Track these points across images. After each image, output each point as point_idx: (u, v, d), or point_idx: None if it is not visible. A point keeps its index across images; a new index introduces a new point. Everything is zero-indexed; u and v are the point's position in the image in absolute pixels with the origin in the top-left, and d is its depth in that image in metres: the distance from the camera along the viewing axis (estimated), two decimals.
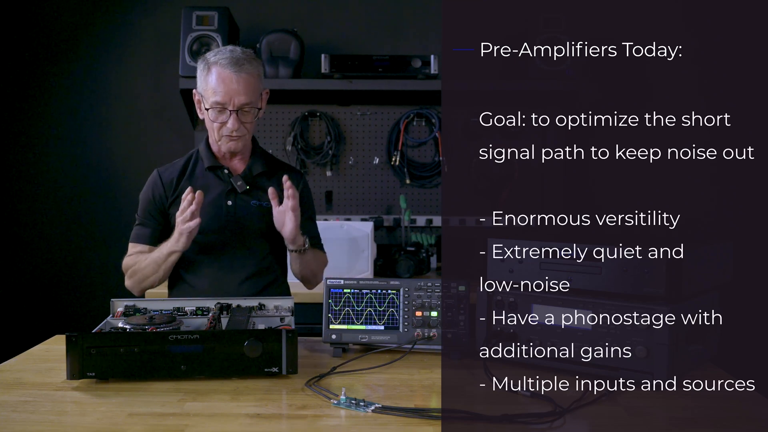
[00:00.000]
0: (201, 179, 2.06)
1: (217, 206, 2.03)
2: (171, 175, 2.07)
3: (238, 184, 2.03)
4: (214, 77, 1.92)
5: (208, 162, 2.06)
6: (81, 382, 1.45)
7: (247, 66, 1.93)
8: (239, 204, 2.04)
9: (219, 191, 2.04)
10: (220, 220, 2.02)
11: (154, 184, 2.07)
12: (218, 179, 2.05)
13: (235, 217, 2.03)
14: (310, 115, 3.39)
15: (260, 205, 2.05)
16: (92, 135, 3.43)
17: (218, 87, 1.92)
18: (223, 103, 1.93)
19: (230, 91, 1.92)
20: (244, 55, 1.95)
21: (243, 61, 1.93)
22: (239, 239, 2.03)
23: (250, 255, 2.05)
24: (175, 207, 2.02)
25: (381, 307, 1.68)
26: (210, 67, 1.94)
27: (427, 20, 3.44)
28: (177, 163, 2.11)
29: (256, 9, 3.43)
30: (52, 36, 3.40)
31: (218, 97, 1.92)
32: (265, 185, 2.05)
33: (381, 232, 3.40)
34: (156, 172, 2.09)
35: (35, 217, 3.43)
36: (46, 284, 3.42)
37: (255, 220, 2.04)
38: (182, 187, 2.03)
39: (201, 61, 1.98)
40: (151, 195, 2.06)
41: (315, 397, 1.38)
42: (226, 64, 1.92)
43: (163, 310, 1.71)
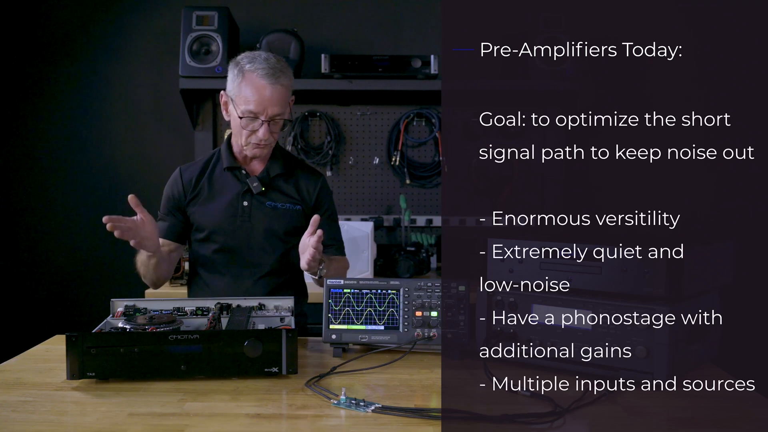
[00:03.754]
0: (219, 179, 2.08)
1: (233, 207, 2.04)
2: (192, 173, 2.09)
3: (254, 185, 2.04)
4: (249, 86, 1.92)
5: (227, 162, 2.07)
6: (81, 382, 1.45)
7: (283, 78, 1.93)
8: (255, 205, 2.05)
9: (236, 192, 2.06)
10: (235, 221, 2.04)
11: (175, 182, 2.10)
12: (236, 179, 2.07)
13: (251, 217, 2.04)
14: (310, 115, 3.40)
15: (276, 207, 2.06)
16: (92, 135, 3.43)
17: (253, 97, 1.91)
18: (256, 113, 1.93)
19: (264, 101, 1.91)
20: (279, 65, 1.95)
21: (279, 72, 1.92)
22: (255, 239, 2.05)
23: (266, 255, 2.06)
24: (193, 205, 2.06)
25: (381, 307, 1.68)
26: (245, 74, 1.93)
27: (427, 20, 3.44)
28: (199, 162, 2.13)
29: (256, 9, 3.43)
30: (53, 36, 3.40)
31: (251, 106, 1.92)
32: (282, 187, 2.08)
33: (381, 232, 3.40)
34: (178, 169, 2.12)
35: (35, 217, 3.43)
36: (46, 284, 3.43)
37: (270, 221, 2.05)
38: (201, 186, 2.07)
39: (234, 66, 1.97)
40: (171, 192, 2.09)
41: (315, 397, 1.38)
42: (263, 74, 1.91)
43: (163, 310, 1.71)
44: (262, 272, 2.06)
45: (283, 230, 2.06)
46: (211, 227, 2.05)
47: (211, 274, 2.09)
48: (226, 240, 2.05)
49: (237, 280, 2.06)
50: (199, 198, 2.07)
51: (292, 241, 2.07)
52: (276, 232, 2.06)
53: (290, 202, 2.08)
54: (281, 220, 2.05)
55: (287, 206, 2.07)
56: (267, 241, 2.06)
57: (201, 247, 2.09)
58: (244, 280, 2.06)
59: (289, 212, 2.07)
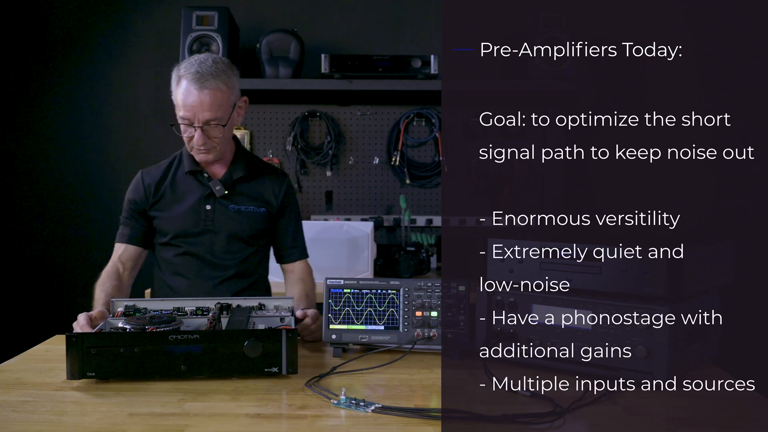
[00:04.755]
0: (182, 183, 2.06)
1: (196, 211, 2.03)
2: (153, 177, 2.08)
3: (216, 189, 2.03)
4: (181, 92, 1.90)
5: (188, 166, 2.06)
6: (81, 382, 1.45)
7: (212, 81, 1.87)
8: (218, 209, 2.04)
9: (198, 196, 2.04)
10: (198, 225, 2.03)
11: (137, 186, 2.08)
12: (198, 183, 2.05)
13: (214, 221, 2.03)
14: (310, 115, 3.39)
15: (240, 210, 2.05)
16: (92, 135, 3.43)
17: (183, 102, 1.90)
18: (188, 119, 1.91)
19: (194, 107, 1.88)
20: (212, 68, 1.89)
21: (208, 76, 1.87)
22: (218, 243, 2.04)
23: (229, 258, 2.05)
24: (155, 209, 2.05)
25: (381, 307, 1.68)
26: (179, 80, 1.91)
27: (427, 20, 3.44)
28: (161, 165, 2.11)
29: (256, 9, 3.43)
30: (53, 36, 3.40)
31: (182, 111, 1.91)
32: (246, 189, 2.07)
33: (381, 232, 3.40)
34: (140, 173, 2.10)
35: (35, 217, 3.43)
36: (46, 284, 3.42)
37: (234, 225, 2.04)
38: (162, 191, 2.05)
39: (174, 71, 1.95)
40: (133, 197, 2.07)
41: (315, 397, 1.38)
42: (190, 79, 1.87)
43: (163, 310, 1.71)
44: (226, 276, 2.05)
45: (247, 234, 2.05)
46: (174, 231, 2.03)
47: (173, 276, 2.07)
48: (189, 244, 2.03)
49: (199, 284, 2.04)
50: (162, 202, 2.05)
51: (256, 244, 2.07)
52: (240, 235, 2.04)
53: (254, 204, 2.06)
54: (245, 223, 2.04)
55: (251, 209, 2.05)
56: (231, 245, 2.04)
57: (163, 250, 2.08)
58: (207, 282, 2.04)
59: (253, 215, 2.06)
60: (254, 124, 3.41)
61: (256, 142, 3.41)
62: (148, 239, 2.09)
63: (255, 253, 2.10)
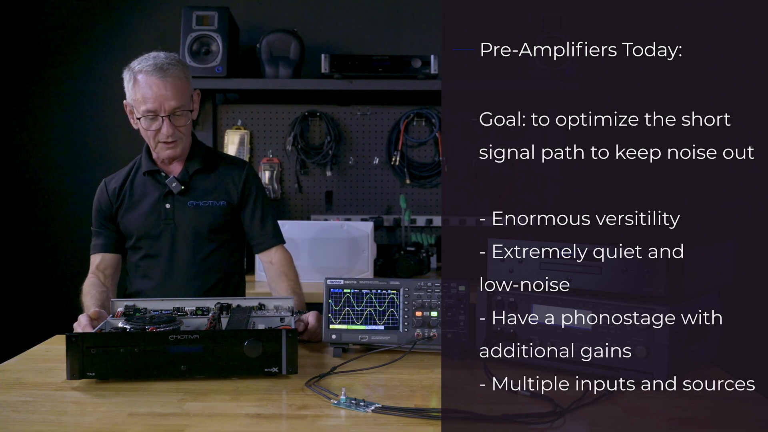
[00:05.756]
0: (140, 185, 2.08)
1: (156, 211, 2.04)
2: (115, 183, 2.10)
3: (173, 185, 2.03)
4: (141, 85, 1.92)
5: (145, 167, 2.07)
6: (81, 382, 1.45)
7: (173, 70, 1.93)
8: (177, 206, 2.04)
9: (157, 195, 2.05)
10: (159, 225, 2.04)
11: (101, 194, 2.11)
12: (156, 183, 2.07)
13: (174, 219, 2.04)
14: (310, 115, 3.39)
15: (198, 205, 2.04)
16: (92, 135, 3.43)
17: (146, 94, 1.91)
18: (154, 110, 1.92)
19: (159, 96, 1.91)
20: (168, 59, 1.95)
21: (167, 66, 1.92)
22: (180, 241, 2.04)
23: (193, 256, 2.05)
24: (119, 214, 2.07)
25: (381, 307, 1.68)
26: (136, 75, 1.93)
27: (427, 20, 3.44)
28: (122, 171, 2.14)
29: (256, 9, 3.43)
30: (53, 36, 3.40)
31: (148, 104, 1.92)
32: (204, 184, 2.07)
33: (381, 232, 3.40)
34: (103, 181, 2.13)
35: (35, 217, 3.43)
36: (46, 284, 3.42)
37: (194, 221, 2.04)
38: (123, 194, 2.07)
39: (126, 72, 1.97)
40: (99, 205, 2.10)
41: (315, 397, 1.38)
42: (151, 71, 1.91)
43: (163, 310, 1.71)
44: (192, 274, 2.05)
45: (207, 228, 2.04)
46: (137, 233, 2.05)
47: (142, 279, 2.08)
48: (152, 244, 2.04)
49: (167, 284, 2.04)
50: (124, 206, 2.06)
51: (219, 239, 2.07)
52: (200, 231, 2.04)
53: (213, 198, 2.06)
54: (205, 218, 2.04)
55: (210, 203, 2.05)
56: (193, 241, 2.04)
57: (131, 254, 2.10)
58: (174, 282, 2.04)
59: (212, 209, 2.05)
60: (254, 124, 3.41)
61: (256, 142, 3.41)
62: (122, 245, 2.11)
63: (219, 249, 2.08)
